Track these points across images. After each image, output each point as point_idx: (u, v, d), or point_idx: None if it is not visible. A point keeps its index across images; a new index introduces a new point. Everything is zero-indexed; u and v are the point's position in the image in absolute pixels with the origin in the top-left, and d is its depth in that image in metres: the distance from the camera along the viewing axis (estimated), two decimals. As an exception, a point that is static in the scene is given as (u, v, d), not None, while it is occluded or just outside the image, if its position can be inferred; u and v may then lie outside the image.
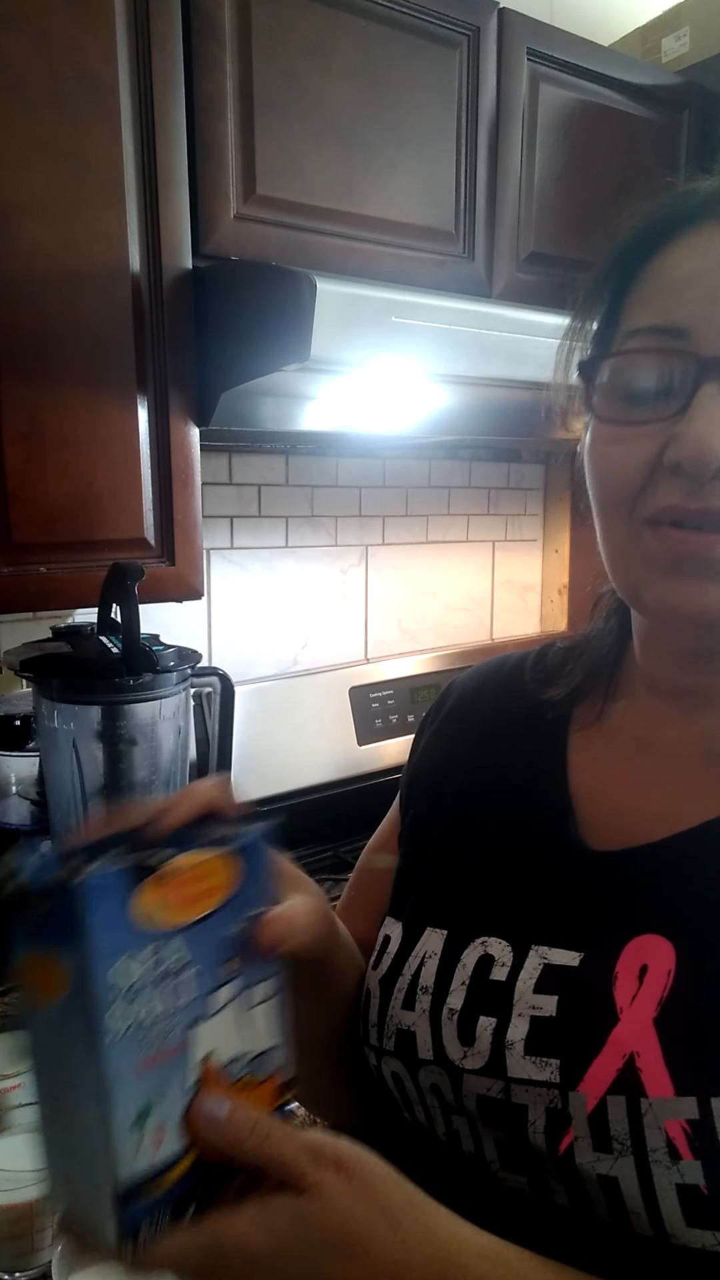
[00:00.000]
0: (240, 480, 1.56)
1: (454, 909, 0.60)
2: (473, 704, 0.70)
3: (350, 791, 1.59)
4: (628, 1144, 0.45)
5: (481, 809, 0.63)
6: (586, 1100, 0.47)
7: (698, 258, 0.49)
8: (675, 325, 0.49)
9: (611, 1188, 0.46)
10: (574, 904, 0.55)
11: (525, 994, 0.52)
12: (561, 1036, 0.50)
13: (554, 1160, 0.48)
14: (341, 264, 1.19)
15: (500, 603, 1.99)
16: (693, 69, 1.55)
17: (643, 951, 0.50)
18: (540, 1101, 0.49)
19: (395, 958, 0.61)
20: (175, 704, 1.05)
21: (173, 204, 1.05)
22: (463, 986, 0.55)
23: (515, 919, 0.56)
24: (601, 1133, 0.46)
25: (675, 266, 0.50)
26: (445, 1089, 0.54)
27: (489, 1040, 0.52)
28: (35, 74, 0.95)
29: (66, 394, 1.02)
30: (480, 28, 1.27)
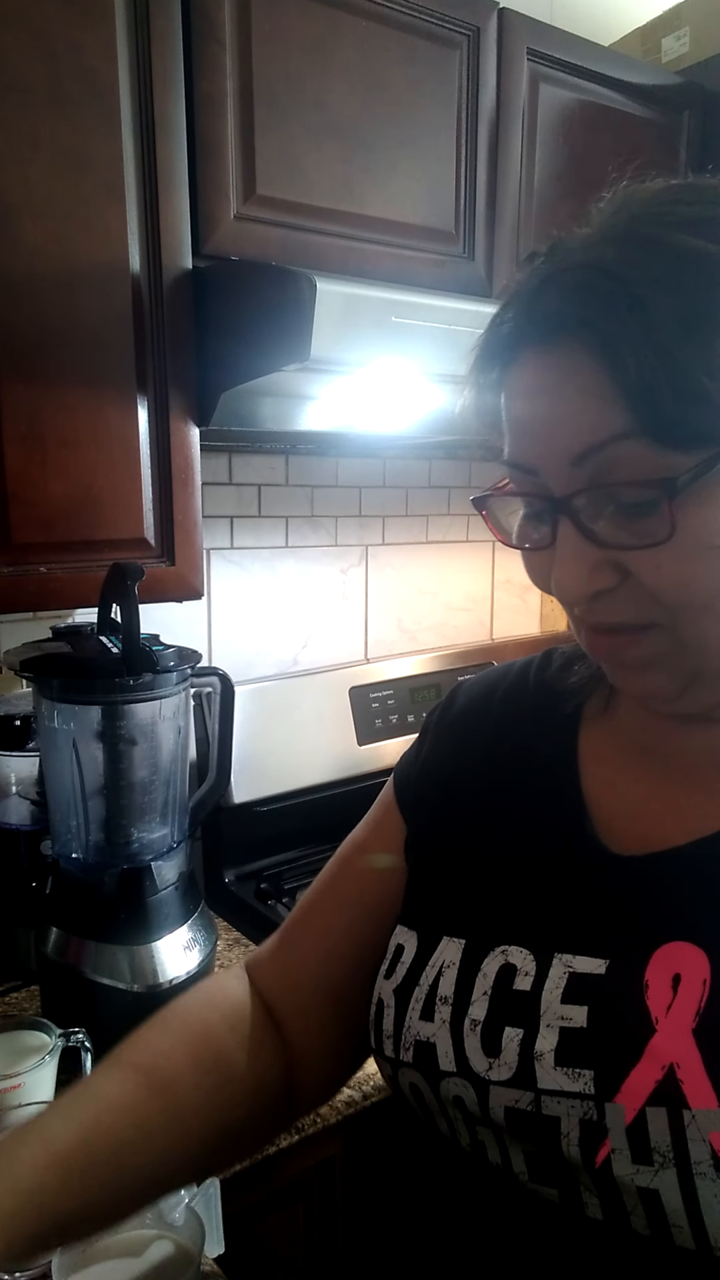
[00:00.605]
0: (240, 480, 1.57)
1: (471, 917, 0.59)
2: (480, 710, 0.69)
3: (350, 791, 1.59)
4: (670, 1156, 0.45)
5: (495, 814, 0.63)
6: (625, 1111, 0.47)
7: (523, 397, 0.49)
8: (526, 465, 0.50)
9: (652, 1200, 0.45)
10: (596, 910, 0.54)
11: (553, 1004, 0.52)
12: (594, 1047, 0.49)
13: (590, 1172, 0.47)
14: (341, 264, 1.19)
15: (500, 603, 1.99)
16: (693, 69, 1.55)
17: (674, 959, 0.50)
18: (574, 1113, 0.48)
19: (411, 967, 0.60)
20: (175, 704, 1.05)
21: (173, 204, 1.05)
22: (485, 996, 0.54)
23: (536, 926, 0.56)
24: (641, 1145, 0.46)
25: (512, 403, 0.50)
26: (469, 1101, 0.53)
27: (516, 1051, 0.52)
28: (35, 74, 0.95)
29: (66, 394, 1.02)
30: (480, 28, 1.27)
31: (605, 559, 0.48)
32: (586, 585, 0.48)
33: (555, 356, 0.47)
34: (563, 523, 0.49)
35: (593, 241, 0.47)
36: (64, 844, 1.06)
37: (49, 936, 1.02)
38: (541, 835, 0.59)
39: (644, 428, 0.44)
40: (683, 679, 0.51)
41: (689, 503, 0.45)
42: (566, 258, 0.47)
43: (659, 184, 0.49)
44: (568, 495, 0.48)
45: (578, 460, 0.46)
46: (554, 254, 0.48)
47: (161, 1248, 0.71)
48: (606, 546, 0.47)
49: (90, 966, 0.98)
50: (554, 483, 0.48)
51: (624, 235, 0.46)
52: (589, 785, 0.59)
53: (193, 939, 1.04)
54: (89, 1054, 0.92)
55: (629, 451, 0.45)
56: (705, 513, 0.45)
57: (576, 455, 0.46)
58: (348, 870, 0.73)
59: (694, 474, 0.44)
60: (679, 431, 0.44)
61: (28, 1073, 0.85)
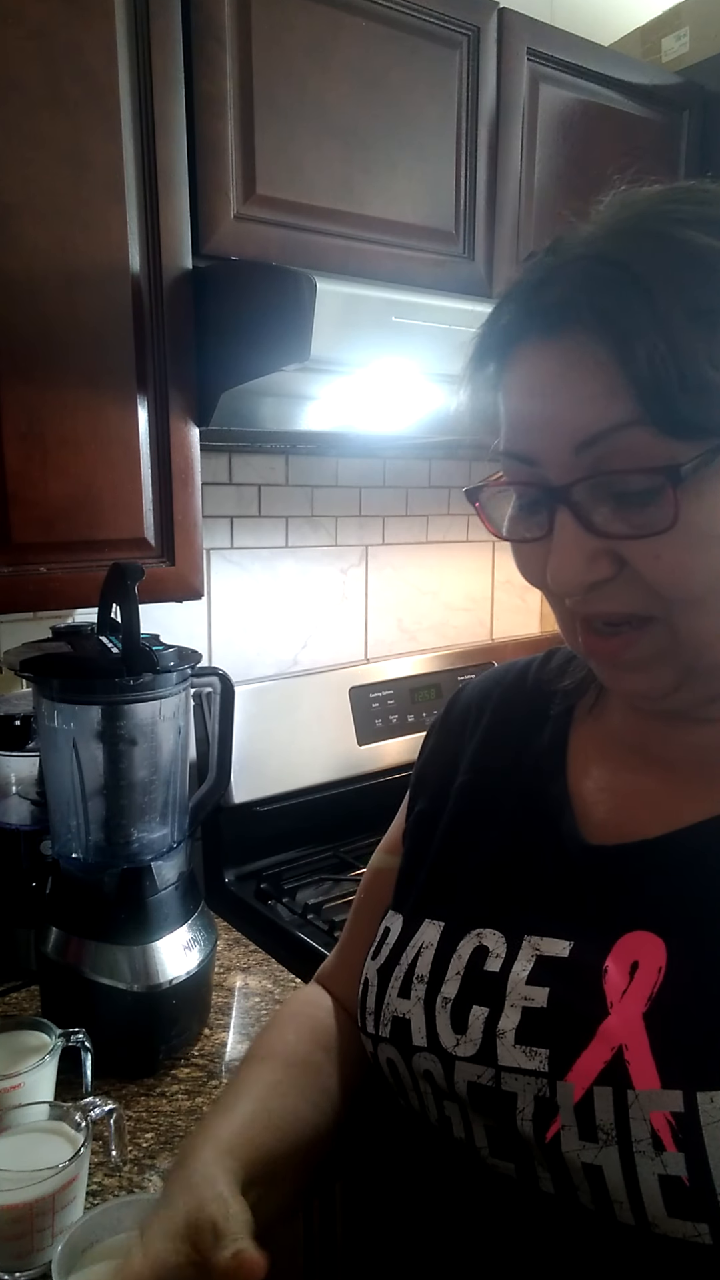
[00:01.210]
0: (240, 480, 1.57)
1: (451, 901, 0.61)
2: (479, 707, 0.72)
3: (350, 791, 1.59)
4: (613, 1134, 0.46)
5: (484, 806, 0.65)
6: (574, 1090, 0.48)
7: (525, 387, 0.50)
8: (526, 455, 0.50)
9: (596, 1176, 0.47)
10: (567, 896, 0.56)
11: (518, 985, 0.53)
12: (551, 1027, 0.51)
13: (541, 1147, 0.49)
14: (341, 264, 1.19)
15: (500, 603, 1.99)
16: (693, 69, 1.55)
17: (635, 948, 0.51)
18: (529, 1090, 0.50)
19: (394, 948, 0.62)
20: (175, 704, 1.05)
21: (173, 204, 1.05)
22: (457, 976, 0.56)
23: (509, 911, 0.57)
24: (587, 1122, 0.47)
25: (512, 394, 0.51)
26: (438, 1075, 0.55)
27: (481, 1029, 0.53)
28: (35, 74, 0.95)
29: (66, 394, 1.02)
30: (480, 28, 1.27)
31: (603, 549, 0.48)
32: (584, 575, 0.49)
33: (561, 346, 0.47)
34: (560, 512, 0.49)
35: (598, 236, 0.48)
36: (64, 844, 1.06)
37: (49, 936, 1.02)
38: (524, 825, 0.61)
39: (650, 417, 0.44)
40: (676, 676, 0.52)
41: (689, 493, 0.45)
42: (571, 251, 0.48)
43: (660, 186, 0.49)
44: (567, 484, 0.48)
45: (580, 448, 0.47)
46: (555, 250, 0.49)
47: (161, 1248, 0.70)
48: (605, 536, 0.48)
49: (90, 966, 0.98)
50: (553, 472, 0.49)
51: (631, 230, 0.47)
52: (575, 780, 0.61)
53: (193, 939, 1.04)
54: (89, 1054, 0.92)
55: (632, 440, 0.45)
56: (704, 504, 0.46)
57: (580, 443, 0.47)
58: (373, 870, 0.77)
59: (697, 464, 0.45)
60: (684, 422, 0.44)
61: (28, 1073, 0.85)
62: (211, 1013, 1.11)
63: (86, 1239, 0.70)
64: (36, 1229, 0.74)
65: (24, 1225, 0.73)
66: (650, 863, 0.53)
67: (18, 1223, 0.73)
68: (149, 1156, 0.89)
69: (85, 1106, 0.80)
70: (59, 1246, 0.67)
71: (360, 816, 1.59)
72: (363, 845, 1.57)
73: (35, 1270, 0.75)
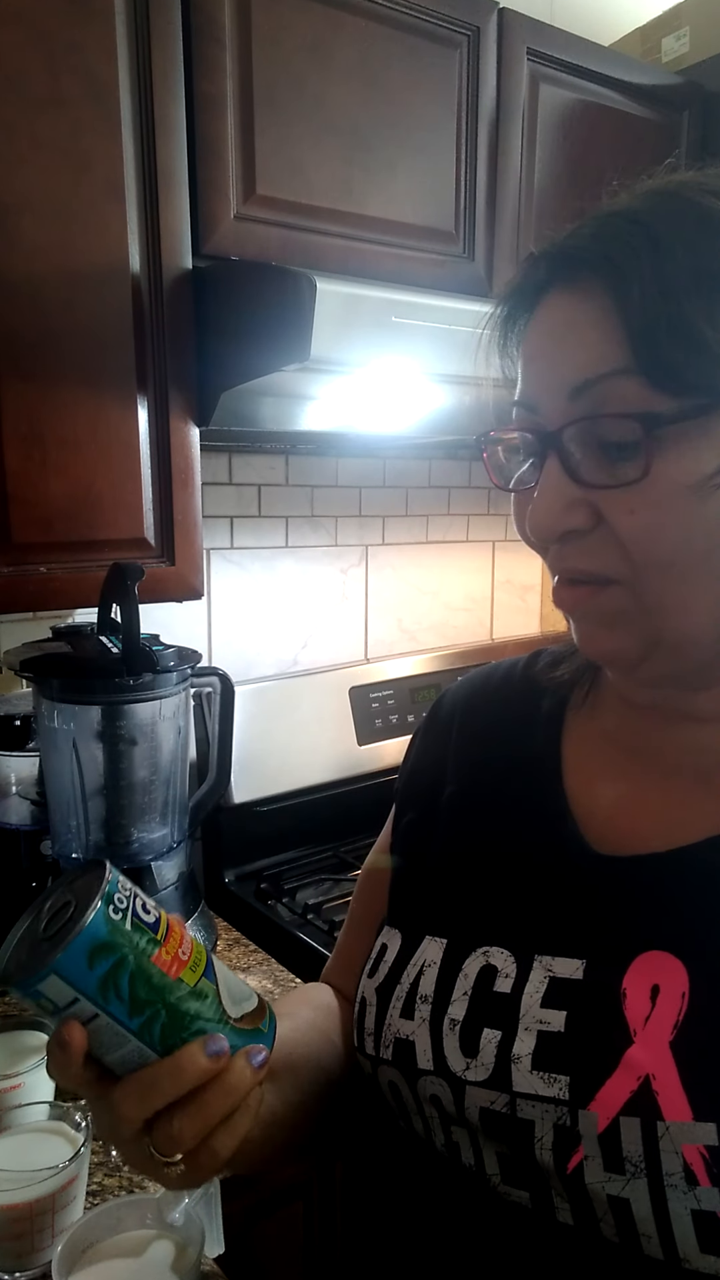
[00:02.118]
0: (240, 480, 1.57)
1: (453, 917, 0.59)
2: (465, 710, 0.70)
3: (350, 791, 1.59)
4: (641, 1166, 0.45)
5: (478, 811, 0.63)
6: (598, 1119, 0.47)
7: (539, 333, 0.51)
8: (529, 400, 0.52)
9: (622, 1209, 0.45)
10: (576, 910, 0.54)
11: (532, 1008, 0.52)
12: (571, 1053, 0.49)
13: (561, 1178, 0.47)
14: (341, 264, 1.19)
15: (500, 603, 1.99)
16: (693, 69, 1.55)
17: (653, 969, 0.49)
18: (548, 1118, 0.48)
19: (393, 966, 0.60)
20: (175, 704, 1.05)
21: (173, 204, 1.05)
22: (465, 997, 0.55)
23: (516, 927, 0.56)
24: (613, 1153, 0.46)
25: (529, 342, 0.52)
26: (446, 1100, 0.53)
27: (494, 1053, 0.52)
28: (35, 74, 0.95)
29: (66, 394, 1.02)
30: (480, 28, 1.27)
31: (582, 498, 0.49)
32: (559, 522, 0.49)
33: (573, 293, 0.49)
34: (549, 459, 0.50)
35: (630, 200, 0.50)
36: (64, 844, 1.06)
37: (49, 936, 1.02)
38: (524, 834, 0.59)
39: (639, 365, 0.46)
40: (643, 644, 0.52)
41: (668, 448, 0.46)
42: (601, 212, 0.50)
43: (702, 170, 0.51)
44: (559, 429, 0.49)
45: (574, 393, 0.48)
46: (589, 215, 0.51)
47: (161, 1248, 0.71)
48: (585, 485, 0.49)
49: (90, 966, 0.98)
50: (549, 418, 0.50)
51: (661, 195, 0.49)
52: (571, 784, 0.60)
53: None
54: (89, 1054, 0.92)
55: (623, 388, 0.46)
56: (681, 462, 0.46)
57: (575, 387, 0.48)
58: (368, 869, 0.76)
59: (676, 416, 0.45)
60: (672, 373, 0.45)
61: (28, 1073, 0.85)
62: (211, 1013, 1.11)
63: (86, 1239, 0.70)
64: (36, 1229, 0.74)
65: (24, 1225, 0.73)
66: (663, 877, 0.52)
67: (18, 1223, 0.73)
68: (149, 1156, 0.88)
69: (85, 1106, 0.80)
70: (59, 1246, 0.67)
71: (360, 816, 1.59)
72: (363, 845, 1.56)
73: (35, 1270, 0.75)
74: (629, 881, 0.53)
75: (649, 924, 0.51)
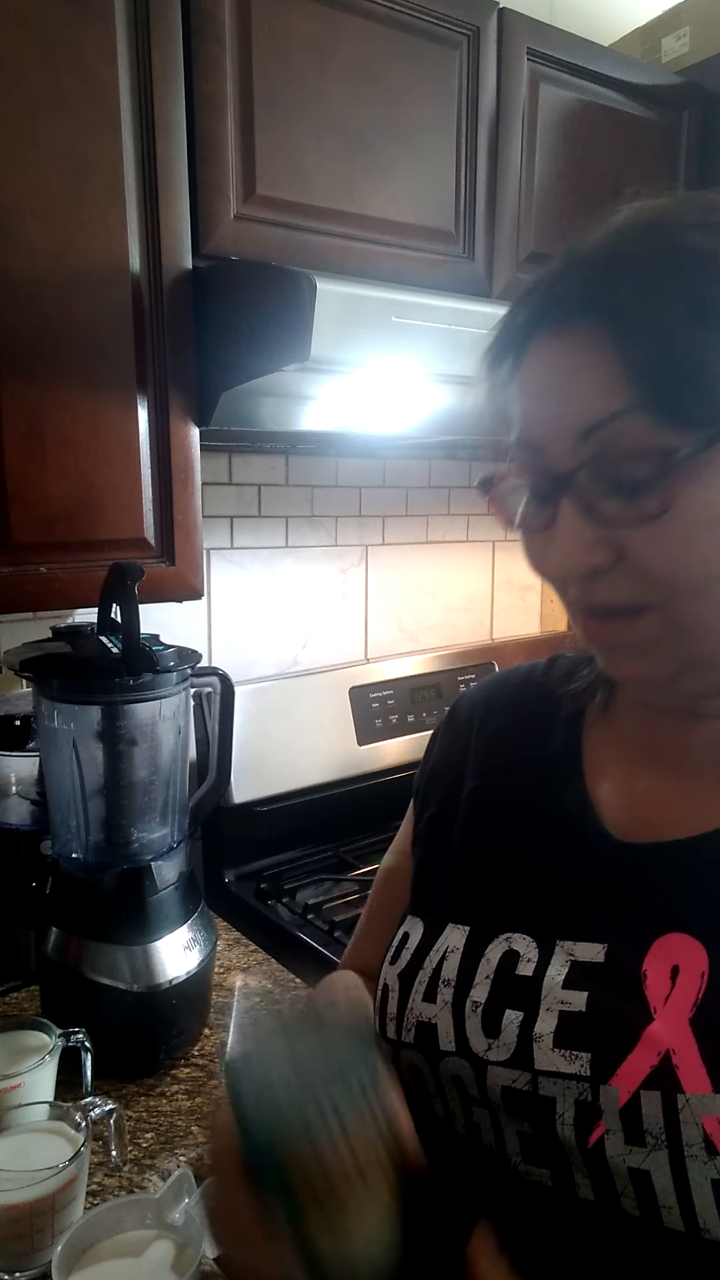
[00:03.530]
0: (240, 480, 1.57)
1: (476, 906, 0.60)
2: (484, 712, 0.71)
3: (350, 791, 1.59)
4: (662, 1138, 0.46)
5: (500, 806, 0.64)
6: (619, 1094, 0.48)
7: (536, 379, 0.51)
8: (534, 442, 0.52)
9: (643, 1181, 0.46)
10: (598, 895, 0.55)
11: (554, 989, 0.53)
12: (592, 1031, 0.50)
13: (582, 1153, 0.48)
14: (341, 264, 1.19)
15: (500, 603, 1.99)
16: (693, 69, 1.55)
17: (673, 951, 0.50)
18: (569, 1094, 0.49)
19: (415, 953, 0.61)
20: (175, 704, 1.05)
21: (173, 204, 1.05)
22: (487, 980, 0.56)
23: (539, 914, 0.57)
24: (634, 1127, 0.47)
25: (525, 386, 0.52)
26: (468, 1081, 0.54)
27: (515, 1033, 0.53)
28: (35, 74, 0.95)
29: (66, 394, 1.02)
30: (480, 28, 1.27)
31: (602, 536, 0.49)
32: (582, 561, 0.49)
33: (570, 338, 0.49)
34: (564, 500, 0.50)
35: (608, 238, 0.50)
36: (64, 844, 1.06)
37: (49, 936, 1.02)
38: (545, 824, 0.60)
39: (647, 403, 0.46)
40: (675, 665, 0.52)
41: (687, 481, 0.46)
42: (583, 253, 0.50)
43: (667, 198, 0.51)
44: (570, 470, 0.49)
45: (584, 434, 0.48)
46: (569, 252, 0.51)
47: (161, 1248, 0.71)
48: (604, 523, 0.49)
49: (90, 966, 0.98)
50: (559, 459, 0.50)
51: (639, 233, 0.49)
52: (592, 782, 0.61)
53: (193, 939, 1.05)
54: (89, 1054, 0.92)
55: (633, 427, 0.46)
56: (702, 493, 0.46)
57: (584, 428, 0.48)
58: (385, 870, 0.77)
59: (693, 450, 0.46)
60: (682, 409, 0.45)
61: (28, 1073, 0.85)
62: (211, 1013, 1.11)
63: (86, 1239, 0.70)
64: (36, 1229, 0.74)
65: (24, 1225, 0.73)
66: (681, 863, 0.53)
67: (18, 1223, 0.73)
68: (149, 1156, 0.89)
69: (85, 1106, 0.80)
70: (59, 1246, 0.67)
71: (360, 816, 1.59)
72: (363, 845, 1.57)
73: (35, 1270, 0.75)
74: (649, 867, 0.54)
75: (669, 908, 0.52)
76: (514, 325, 0.52)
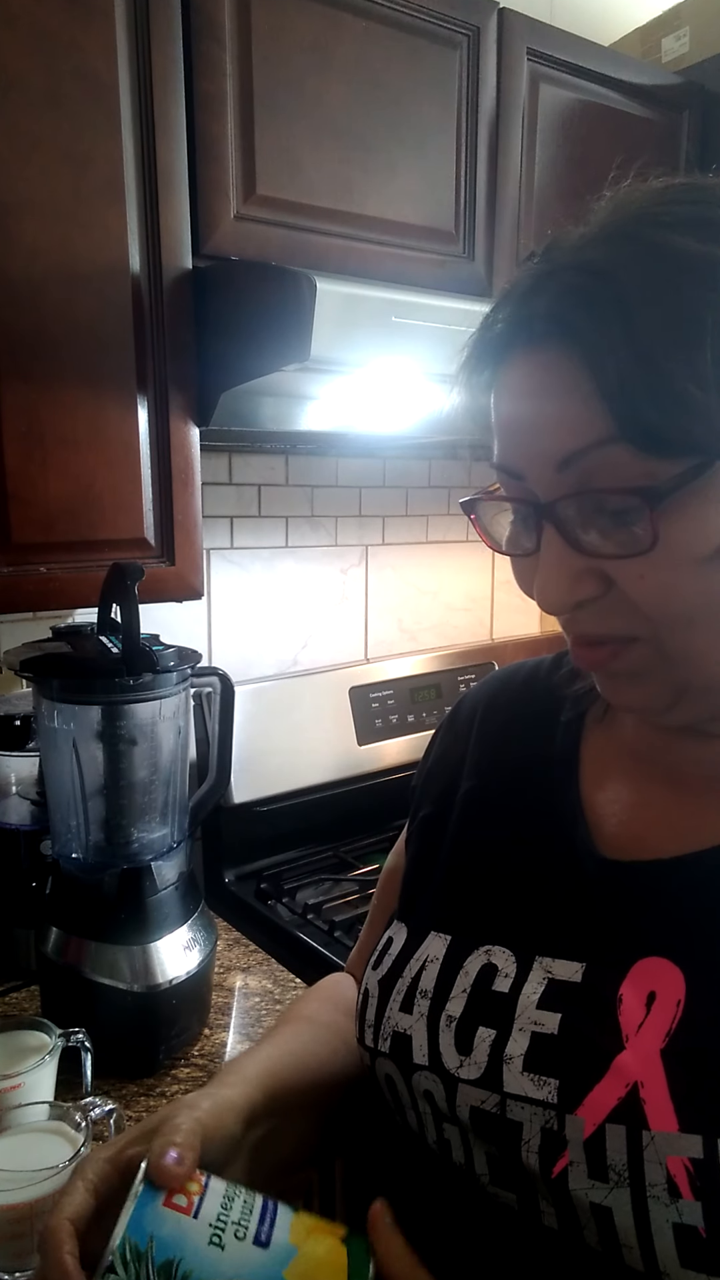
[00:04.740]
0: (240, 480, 1.57)
1: (459, 914, 0.59)
2: (486, 708, 0.70)
3: (350, 791, 1.59)
4: (625, 1175, 0.44)
5: (492, 810, 0.63)
6: (584, 1125, 0.46)
7: (510, 399, 0.49)
8: (514, 469, 0.49)
9: (605, 1217, 0.45)
10: (580, 913, 0.54)
11: (528, 1008, 0.51)
12: (562, 1056, 0.49)
13: (546, 1182, 0.47)
14: (341, 264, 1.19)
15: (500, 603, 1.99)
16: (693, 69, 1.55)
17: (651, 976, 0.49)
18: (536, 1120, 0.48)
19: (396, 959, 0.60)
20: (175, 704, 1.05)
21: (173, 204, 1.05)
22: (463, 994, 0.55)
23: (520, 928, 0.56)
24: (598, 1160, 0.45)
25: (500, 405, 0.50)
26: (439, 1096, 0.53)
27: (487, 1051, 0.51)
28: (35, 74, 0.95)
29: (66, 394, 1.02)
30: (480, 28, 1.27)
31: (589, 568, 0.47)
32: (569, 594, 0.48)
33: (542, 358, 0.46)
34: (547, 529, 0.48)
35: (586, 241, 0.46)
36: (64, 844, 1.06)
37: (49, 936, 1.02)
38: (534, 835, 0.59)
39: (624, 433, 0.43)
40: (671, 692, 0.51)
41: (672, 512, 0.44)
42: (559, 258, 0.47)
43: (659, 183, 0.48)
44: (552, 501, 0.47)
45: (561, 465, 0.46)
46: (548, 254, 0.48)
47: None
48: (589, 555, 0.47)
49: (90, 966, 0.98)
50: (539, 488, 0.48)
51: (617, 235, 0.45)
52: (587, 790, 0.59)
53: (193, 939, 1.04)
54: (89, 1054, 0.92)
55: (612, 457, 0.44)
56: (688, 524, 0.44)
57: (560, 460, 0.46)
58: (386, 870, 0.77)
59: (676, 483, 0.43)
60: (661, 439, 0.43)
61: (28, 1073, 0.85)
62: (211, 1013, 1.11)
63: (86, 1239, 0.69)
64: (36, 1229, 0.74)
65: (24, 1225, 0.73)
66: (668, 883, 0.52)
67: (18, 1223, 0.73)
68: (149, 1156, 0.88)
69: (85, 1106, 0.80)
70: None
71: (360, 816, 1.59)
72: (363, 845, 1.57)
73: (35, 1270, 0.75)
74: (633, 886, 0.53)
75: (651, 929, 0.51)
76: (491, 335, 0.50)
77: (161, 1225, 0.45)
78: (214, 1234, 0.46)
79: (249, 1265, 0.45)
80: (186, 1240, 0.45)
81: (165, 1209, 0.46)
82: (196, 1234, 0.46)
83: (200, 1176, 0.49)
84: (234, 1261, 0.45)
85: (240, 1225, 0.47)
